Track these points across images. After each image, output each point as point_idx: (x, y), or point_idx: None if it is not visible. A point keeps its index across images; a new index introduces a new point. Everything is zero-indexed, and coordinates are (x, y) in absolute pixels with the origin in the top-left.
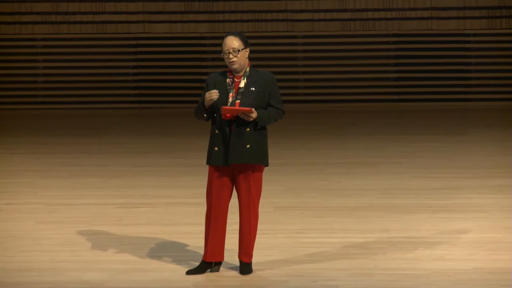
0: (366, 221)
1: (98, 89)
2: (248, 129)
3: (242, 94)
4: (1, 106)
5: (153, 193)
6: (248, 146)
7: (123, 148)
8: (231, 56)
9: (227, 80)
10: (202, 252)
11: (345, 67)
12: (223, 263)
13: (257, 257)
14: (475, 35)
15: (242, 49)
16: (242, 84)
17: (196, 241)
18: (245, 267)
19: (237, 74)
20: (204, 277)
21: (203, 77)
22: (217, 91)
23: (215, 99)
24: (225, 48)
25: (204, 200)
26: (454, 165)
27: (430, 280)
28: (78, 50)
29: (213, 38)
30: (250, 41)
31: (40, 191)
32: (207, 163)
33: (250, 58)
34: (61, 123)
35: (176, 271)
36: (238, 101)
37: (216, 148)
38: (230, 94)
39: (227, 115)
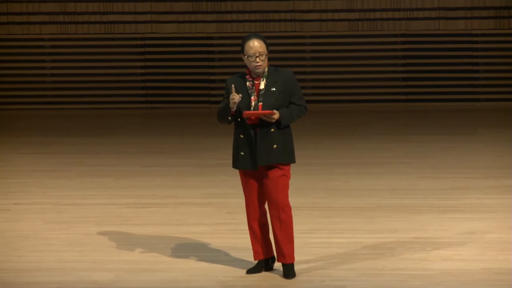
0: (375, 221)
1: (105, 89)
2: (272, 130)
3: (264, 95)
4: (9, 106)
5: (162, 193)
6: (275, 146)
7: (131, 148)
8: (257, 60)
9: (247, 83)
10: (209, 251)
11: (353, 67)
12: (225, 264)
13: None
14: (483, 35)
15: (266, 54)
16: (262, 86)
17: (204, 241)
18: (287, 269)
19: (256, 76)
20: (212, 277)
21: (211, 77)
22: (240, 95)
23: (237, 102)
24: (251, 52)
25: (212, 200)
26: (462, 165)
27: (439, 280)
28: (85, 50)
29: (221, 38)
30: None
31: (49, 191)
32: (234, 167)
33: None
34: (69, 123)
35: (184, 271)
36: (260, 103)
37: (242, 153)
38: (252, 97)
39: (252, 118)
